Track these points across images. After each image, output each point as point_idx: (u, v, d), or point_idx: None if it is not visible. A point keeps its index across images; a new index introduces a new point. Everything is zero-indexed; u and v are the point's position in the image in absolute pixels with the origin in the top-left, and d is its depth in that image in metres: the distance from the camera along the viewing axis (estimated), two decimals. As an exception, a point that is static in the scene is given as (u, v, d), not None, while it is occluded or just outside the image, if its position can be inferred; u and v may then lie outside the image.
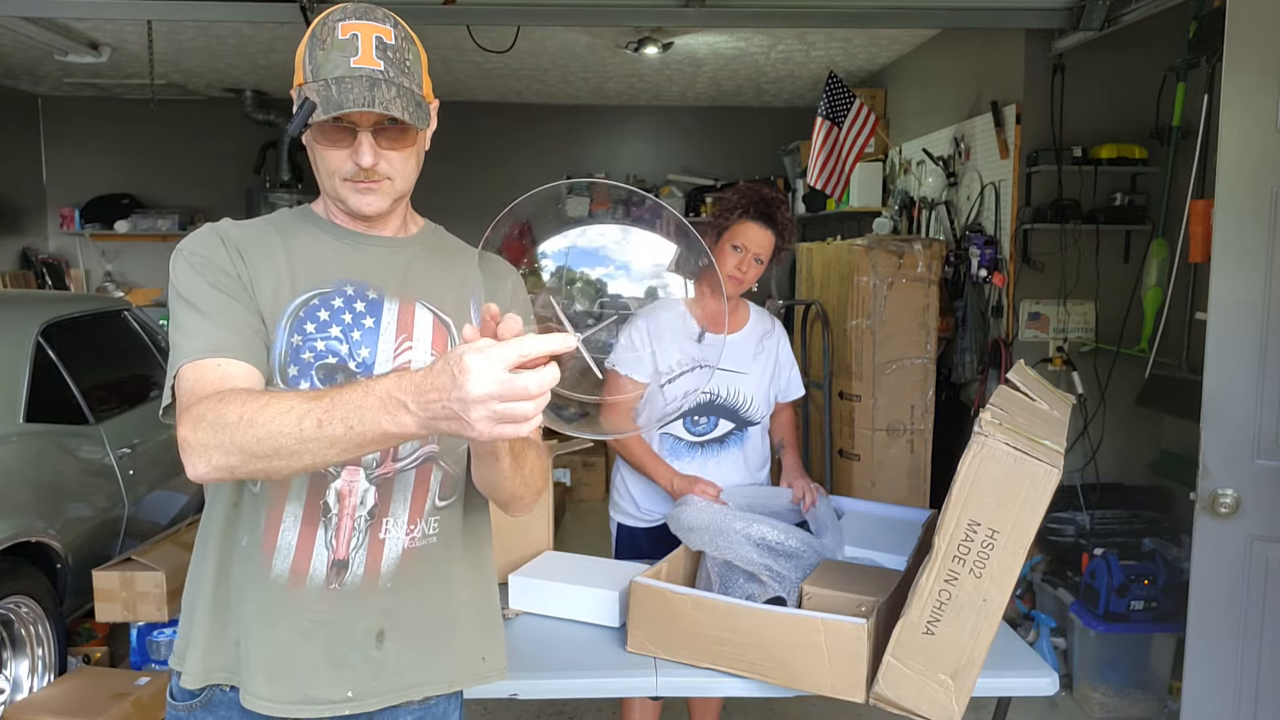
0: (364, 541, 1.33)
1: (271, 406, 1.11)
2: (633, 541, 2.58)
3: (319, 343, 1.32)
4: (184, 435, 1.16)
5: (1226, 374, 2.38)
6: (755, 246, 2.42)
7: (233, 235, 1.34)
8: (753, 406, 2.51)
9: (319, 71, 1.25)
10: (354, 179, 1.31)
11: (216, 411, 1.14)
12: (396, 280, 1.38)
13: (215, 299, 1.28)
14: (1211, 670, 2.44)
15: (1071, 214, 3.93)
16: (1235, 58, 2.34)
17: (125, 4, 3.87)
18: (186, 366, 1.24)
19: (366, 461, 1.32)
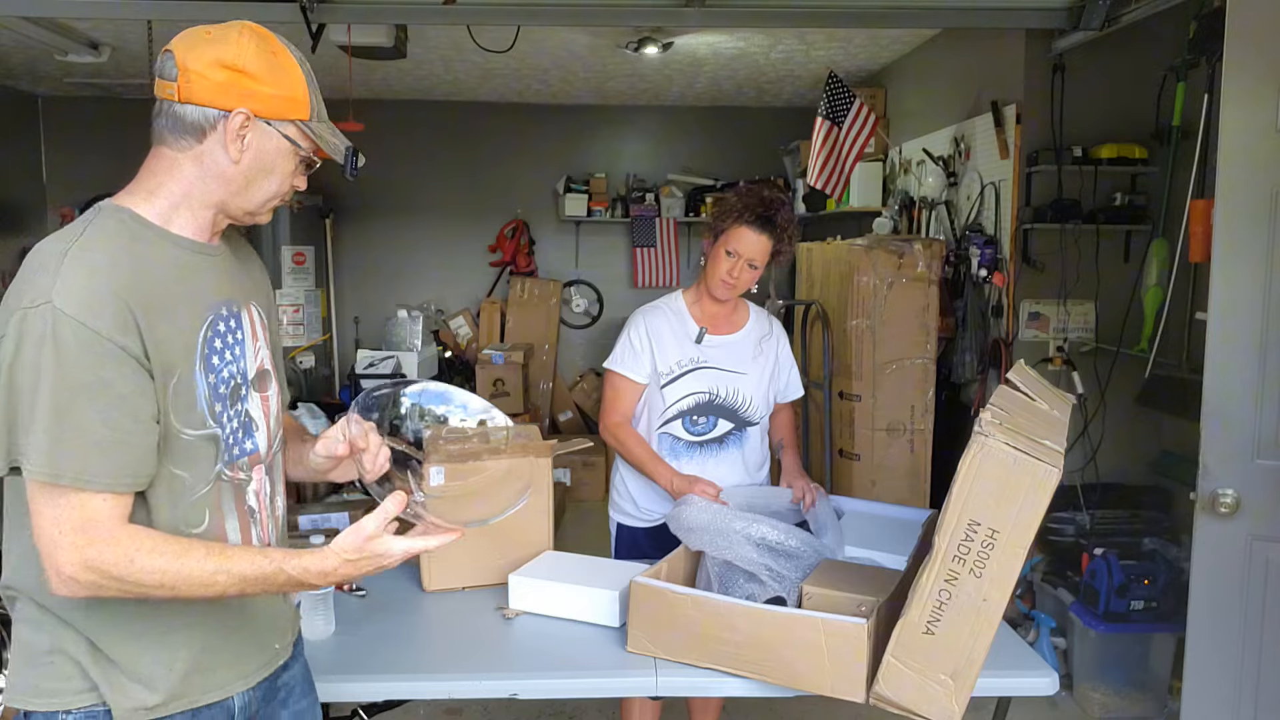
0: (271, 520, 1.48)
1: (188, 572, 1.22)
2: (633, 541, 2.58)
3: (224, 372, 1.36)
4: (71, 570, 1.18)
5: (1226, 374, 2.38)
6: (748, 252, 2.41)
7: (123, 289, 1.22)
8: (751, 407, 2.51)
9: (321, 113, 1.39)
10: (282, 200, 1.39)
11: (128, 568, 1.20)
12: (232, 286, 1.42)
13: (118, 412, 1.20)
14: (1211, 670, 2.44)
15: (1071, 214, 3.93)
16: (1235, 58, 2.34)
17: (125, 4, 3.86)
18: (77, 497, 1.19)
19: (262, 452, 1.45)
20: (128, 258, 1.26)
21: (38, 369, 1.17)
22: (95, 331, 1.19)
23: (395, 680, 1.86)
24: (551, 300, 7.51)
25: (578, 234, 7.82)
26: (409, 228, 7.56)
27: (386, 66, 6.07)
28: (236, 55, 1.31)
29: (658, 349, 2.49)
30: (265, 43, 1.34)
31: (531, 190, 7.71)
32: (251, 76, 1.31)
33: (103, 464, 1.19)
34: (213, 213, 1.35)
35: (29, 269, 1.24)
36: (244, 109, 1.30)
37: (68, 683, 1.29)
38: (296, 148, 1.35)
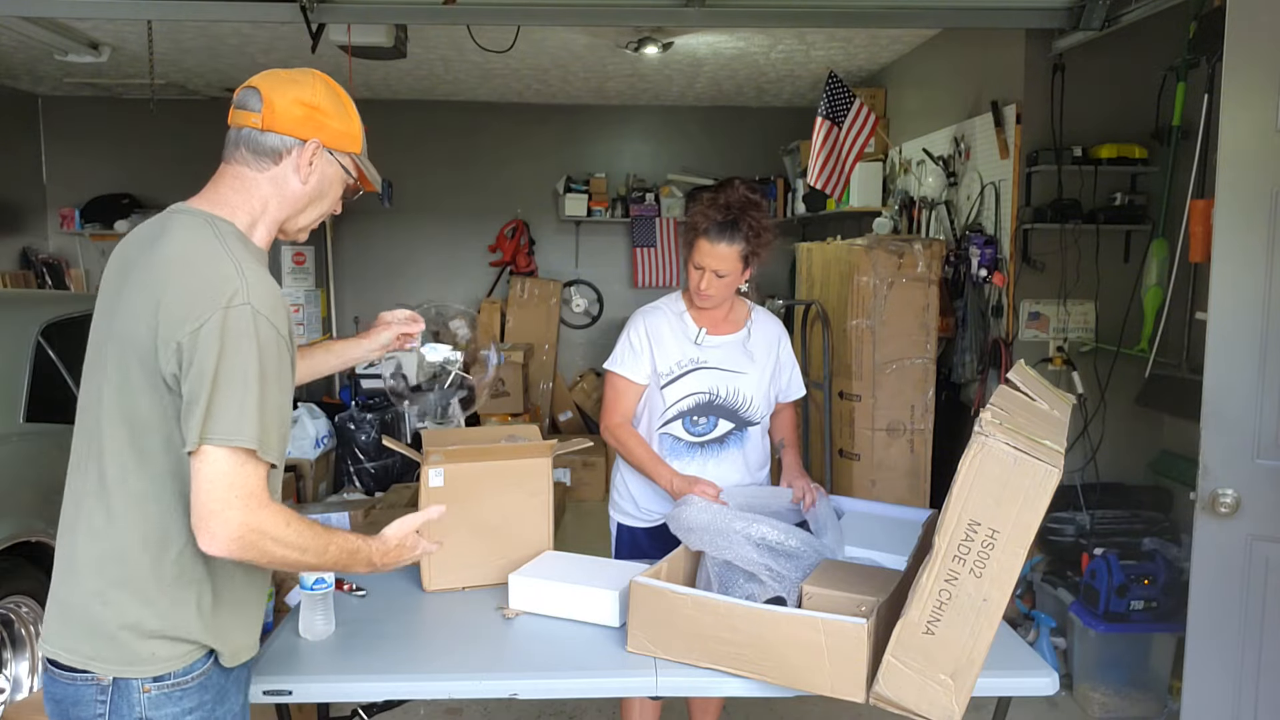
0: None
1: (313, 541, 1.49)
2: (633, 541, 2.58)
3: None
4: (238, 530, 1.38)
5: (1226, 374, 2.38)
6: (712, 264, 2.38)
7: (283, 310, 1.49)
8: (752, 406, 2.50)
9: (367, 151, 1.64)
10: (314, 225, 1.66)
11: (284, 530, 1.43)
12: None
13: (286, 397, 1.48)
14: (1211, 670, 2.44)
15: (1071, 214, 3.93)
16: (1235, 58, 2.34)
17: (125, 4, 3.87)
18: (251, 462, 1.40)
19: None
20: (265, 269, 1.51)
21: (244, 357, 1.38)
22: (279, 331, 1.44)
23: (395, 680, 1.86)
24: (551, 300, 7.51)
25: (578, 234, 7.82)
26: (409, 228, 7.57)
27: (386, 66, 6.07)
28: (312, 95, 1.54)
29: (657, 349, 2.48)
30: (332, 87, 1.59)
31: (531, 190, 7.71)
32: (324, 113, 1.55)
33: (276, 440, 1.43)
34: (276, 228, 1.58)
35: (198, 266, 1.42)
36: (317, 139, 1.54)
37: (174, 647, 1.46)
38: (348, 176, 1.61)
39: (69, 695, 1.46)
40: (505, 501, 2.26)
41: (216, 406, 1.36)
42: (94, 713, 1.45)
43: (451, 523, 2.20)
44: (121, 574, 1.44)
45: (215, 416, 1.36)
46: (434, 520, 1.77)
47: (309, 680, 1.84)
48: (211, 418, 1.36)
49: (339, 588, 2.18)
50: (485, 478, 2.24)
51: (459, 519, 2.21)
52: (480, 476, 2.24)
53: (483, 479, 2.24)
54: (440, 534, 2.20)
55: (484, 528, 2.24)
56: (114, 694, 1.44)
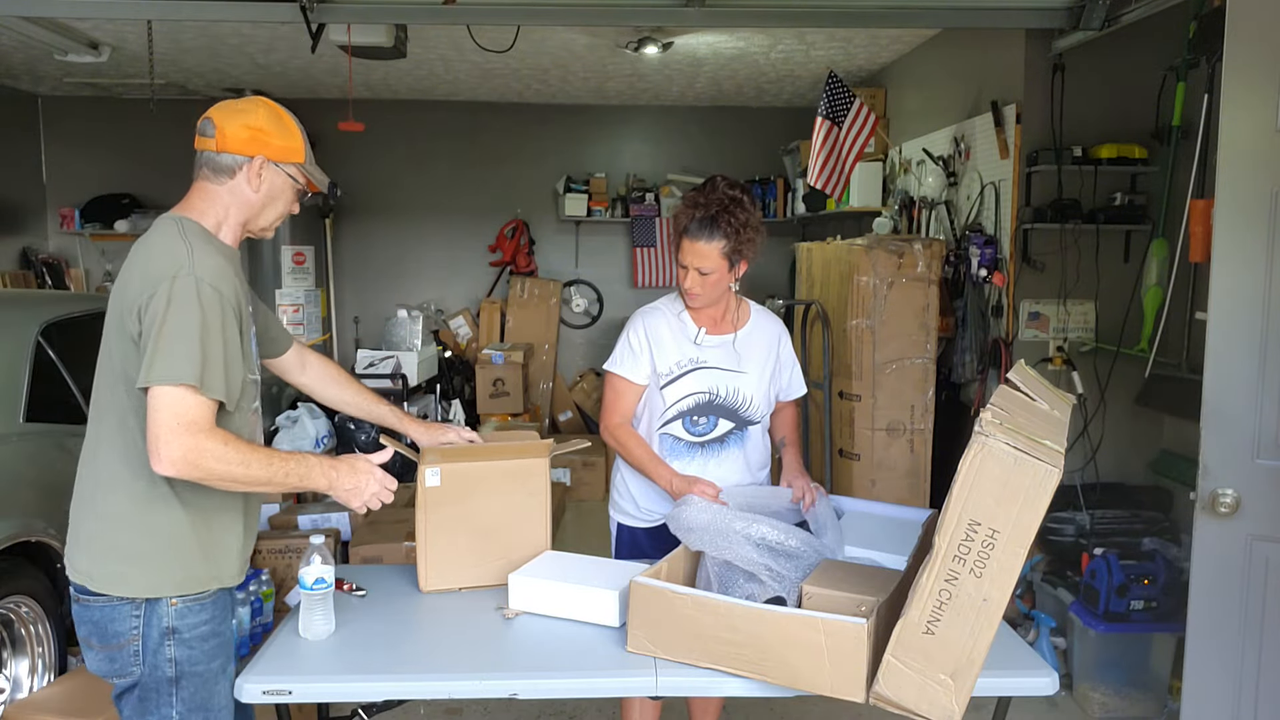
0: None
1: (258, 459, 1.72)
2: (633, 541, 2.58)
3: (253, 343, 1.91)
4: (181, 452, 1.65)
5: (1226, 374, 2.38)
6: (696, 261, 2.38)
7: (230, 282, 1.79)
8: (752, 406, 2.50)
9: (310, 157, 1.93)
10: (281, 220, 1.96)
11: (224, 454, 1.68)
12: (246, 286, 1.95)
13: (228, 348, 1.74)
14: (1211, 670, 2.44)
15: (1071, 214, 3.93)
16: (1235, 58, 2.34)
17: (125, 4, 3.87)
18: (199, 399, 1.68)
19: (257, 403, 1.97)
20: (228, 258, 1.82)
21: (186, 315, 1.68)
22: (221, 294, 1.73)
23: (395, 680, 1.86)
24: (551, 300, 7.51)
25: (578, 234, 7.82)
26: (409, 228, 7.57)
27: (386, 66, 6.07)
28: (255, 120, 1.85)
29: (656, 350, 2.48)
30: (275, 111, 1.89)
31: (531, 190, 7.71)
32: (266, 133, 1.86)
33: (216, 379, 1.70)
34: (241, 229, 1.90)
35: (159, 260, 1.74)
36: (262, 155, 1.86)
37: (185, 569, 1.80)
38: (295, 182, 1.92)
39: (105, 615, 1.78)
40: (503, 502, 2.26)
41: (160, 353, 1.66)
42: (129, 626, 1.77)
43: (449, 523, 2.20)
44: (121, 505, 1.78)
45: (159, 360, 1.66)
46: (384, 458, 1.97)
47: (309, 680, 1.84)
48: (157, 361, 1.66)
49: (339, 588, 2.18)
50: (482, 478, 2.24)
51: (456, 520, 2.21)
52: (477, 477, 2.23)
53: (480, 479, 2.24)
54: (438, 535, 2.20)
55: (481, 528, 2.24)
56: (146, 610, 1.77)
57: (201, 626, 1.82)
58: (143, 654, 1.79)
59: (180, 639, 1.79)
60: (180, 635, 1.79)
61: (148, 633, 1.78)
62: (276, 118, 1.88)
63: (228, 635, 1.89)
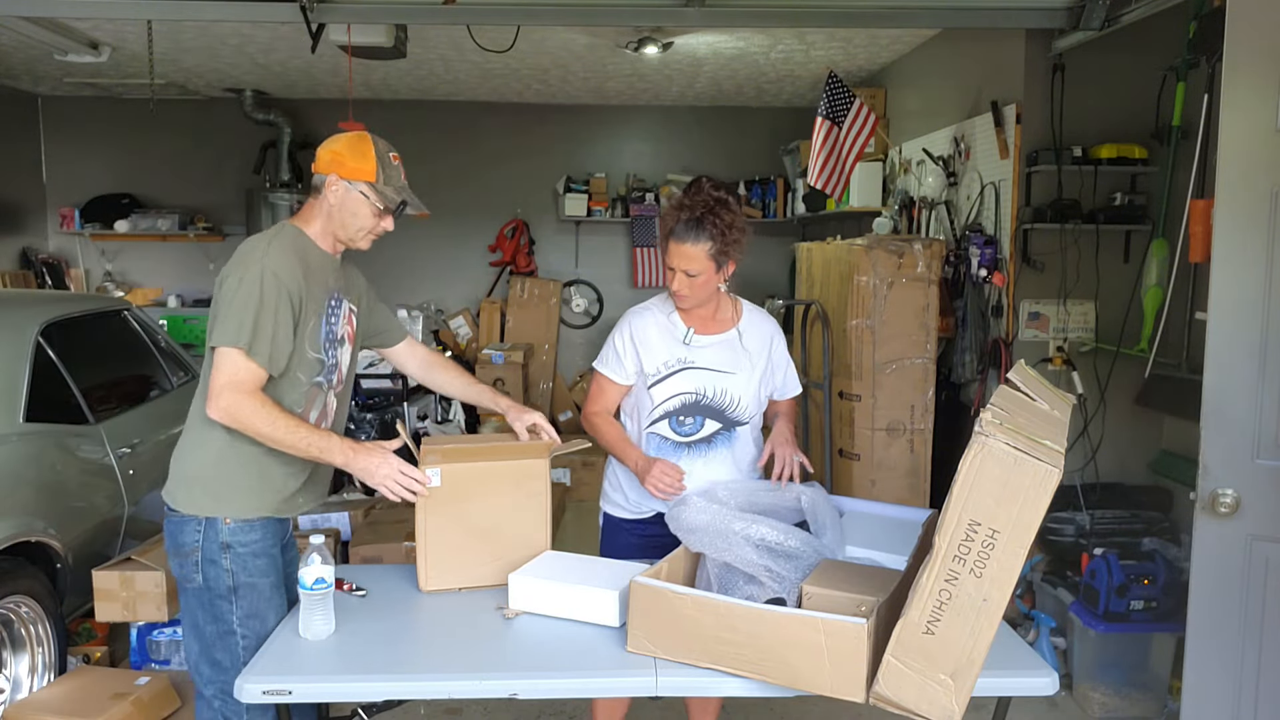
0: (330, 425, 2.31)
1: (284, 426, 2.06)
2: (618, 531, 2.58)
3: (331, 329, 2.26)
4: (232, 401, 2.04)
5: (1226, 374, 2.38)
6: (683, 263, 2.38)
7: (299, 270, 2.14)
8: (740, 407, 2.49)
9: (391, 180, 2.24)
10: (373, 235, 2.27)
11: (254, 407, 2.05)
12: (343, 283, 2.32)
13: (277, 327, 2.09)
14: (1211, 670, 2.44)
15: (1071, 214, 3.93)
16: (1235, 58, 2.34)
17: (125, 4, 3.87)
18: (245, 360, 2.05)
19: (335, 383, 2.29)
20: (301, 254, 2.19)
21: (249, 294, 2.06)
22: (281, 282, 2.09)
23: (395, 680, 1.86)
24: (551, 300, 7.51)
25: (578, 234, 7.82)
26: (409, 227, 7.56)
27: (386, 66, 6.07)
28: (337, 146, 2.22)
29: (643, 351, 2.48)
30: (356, 138, 2.23)
31: (531, 190, 7.71)
32: (342, 156, 2.21)
33: (263, 349, 2.06)
34: (333, 238, 2.25)
35: (244, 251, 2.15)
36: (335, 174, 2.20)
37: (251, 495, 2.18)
38: (366, 199, 2.21)
39: (176, 527, 2.17)
40: (503, 502, 2.26)
41: (223, 319, 2.06)
42: (193, 539, 2.13)
43: (449, 523, 2.20)
44: (194, 438, 2.19)
45: (220, 325, 2.06)
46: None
47: (309, 680, 1.85)
48: (218, 326, 2.07)
49: (339, 587, 2.18)
50: (483, 478, 2.24)
51: (456, 520, 2.21)
52: (477, 477, 2.24)
53: (480, 480, 2.24)
54: (437, 535, 2.21)
55: (481, 528, 2.24)
56: (206, 526, 2.13)
57: (253, 544, 2.15)
58: (202, 564, 2.13)
59: (235, 554, 2.13)
60: (234, 551, 2.13)
61: (207, 546, 2.13)
62: (354, 143, 2.22)
63: (277, 558, 2.20)
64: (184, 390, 4.43)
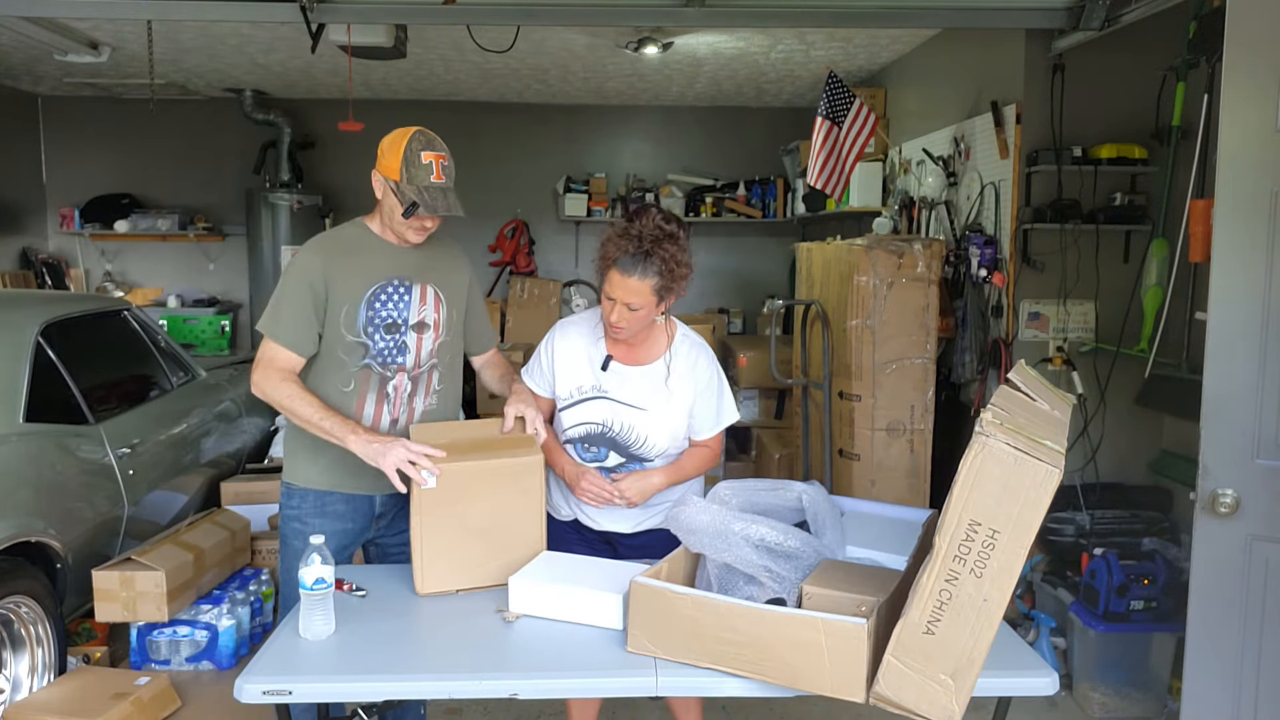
0: (405, 409, 2.44)
1: (301, 404, 2.27)
2: (556, 531, 2.50)
3: (382, 312, 2.37)
4: (256, 378, 2.32)
5: (1226, 374, 2.38)
6: (625, 296, 2.25)
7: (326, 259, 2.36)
8: (647, 444, 2.40)
9: (415, 179, 2.29)
10: (415, 230, 2.37)
11: (274, 385, 2.30)
12: (412, 270, 2.42)
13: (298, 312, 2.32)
14: (1211, 670, 2.44)
15: (1071, 214, 3.93)
16: (1235, 58, 2.34)
17: (125, 4, 3.86)
18: (271, 343, 2.33)
19: (409, 366, 2.41)
20: (340, 245, 2.39)
21: (280, 285, 2.36)
22: (304, 272, 2.32)
23: (395, 680, 1.86)
24: (551, 300, 7.51)
25: (577, 234, 7.82)
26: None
27: (386, 66, 6.07)
28: (383, 142, 2.33)
29: (560, 371, 2.43)
30: (397, 133, 2.32)
31: (531, 190, 7.71)
32: (381, 152, 2.33)
33: (280, 329, 2.32)
34: (389, 230, 2.39)
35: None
36: (375, 169, 2.33)
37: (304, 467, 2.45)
38: (393, 195, 2.30)
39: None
40: (498, 502, 2.23)
41: (266, 309, 2.36)
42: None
43: (444, 526, 2.19)
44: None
45: (263, 315, 2.36)
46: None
47: (309, 680, 1.85)
48: (262, 316, 2.36)
49: (339, 588, 2.18)
50: (478, 478, 2.22)
51: (451, 521, 2.20)
52: (473, 477, 2.21)
53: (476, 480, 2.22)
54: (433, 537, 2.20)
55: (477, 529, 2.22)
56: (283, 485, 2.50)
57: (290, 509, 2.46)
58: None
59: (283, 514, 2.47)
60: (284, 512, 2.47)
61: (281, 500, 2.50)
62: (394, 140, 2.30)
63: (306, 529, 2.38)
64: (184, 390, 4.44)
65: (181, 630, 3.63)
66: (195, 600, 3.66)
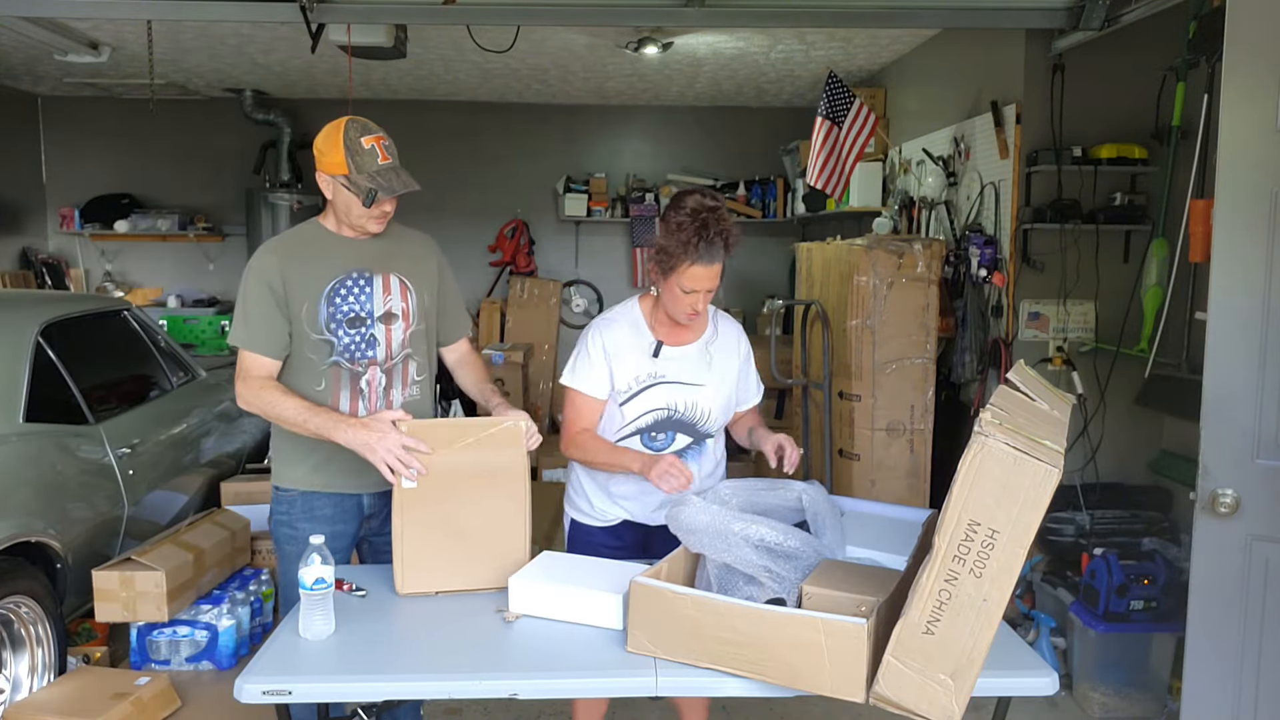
0: (382, 402, 2.41)
1: (284, 408, 2.27)
2: (587, 538, 2.54)
3: (344, 307, 2.35)
4: (239, 390, 2.32)
5: (1226, 374, 2.38)
6: (707, 284, 2.31)
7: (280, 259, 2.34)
8: (710, 419, 2.45)
9: (364, 168, 2.26)
10: (375, 219, 2.35)
11: (255, 394, 2.29)
12: (371, 261, 2.40)
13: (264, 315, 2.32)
14: (1211, 670, 2.44)
15: (1071, 214, 3.93)
16: (1235, 58, 2.34)
17: (125, 4, 3.87)
18: (244, 354, 2.32)
19: (380, 359, 2.39)
20: (292, 244, 2.39)
21: (240, 293, 2.33)
22: (260, 274, 2.31)
23: (395, 680, 1.86)
24: (551, 300, 7.51)
25: (577, 234, 7.82)
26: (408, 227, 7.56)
27: (386, 66, 6.07)
28: (318, 141, 2.32)
29: (616, 364, 2.42)
30: (331, 128, 2.30)
31: (531, 190, 7.71)
32: (320, 151, 2.31)
33: (249, 336, 2.31)
34: (345, 226, 2.38)
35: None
36: (318, 169, 2.33)
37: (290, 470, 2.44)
38: (346, 189, 2.29)
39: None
40: (481, 505, 2.20)
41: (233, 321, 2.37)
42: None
43: (426, 525, 2.18)
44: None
45: (230, 329, 2.38)
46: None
47: (309, 680, 1.84)
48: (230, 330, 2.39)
49: (339, 587, 2.18)
50: (460, 478, 2.20)
51: (433, 522, 2.19)
52: (455, 477, 2.20)
53: (458, 480, 2.20)
54: (414, 537, 2.19)
55: (460, 530, 2.20)
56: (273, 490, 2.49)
57: (279, 514, 2.45)
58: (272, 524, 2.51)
59: (273, 519, 2.47)
60: (274, 517, 2.47)
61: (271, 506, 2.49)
62: (328, 136, 2.28)
63: (296, 534, 2.40)
64: (184, 390, 4.44)
65: (181, 630, 3.63)
66: (195, 600, 3.66)
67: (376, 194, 2.26)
